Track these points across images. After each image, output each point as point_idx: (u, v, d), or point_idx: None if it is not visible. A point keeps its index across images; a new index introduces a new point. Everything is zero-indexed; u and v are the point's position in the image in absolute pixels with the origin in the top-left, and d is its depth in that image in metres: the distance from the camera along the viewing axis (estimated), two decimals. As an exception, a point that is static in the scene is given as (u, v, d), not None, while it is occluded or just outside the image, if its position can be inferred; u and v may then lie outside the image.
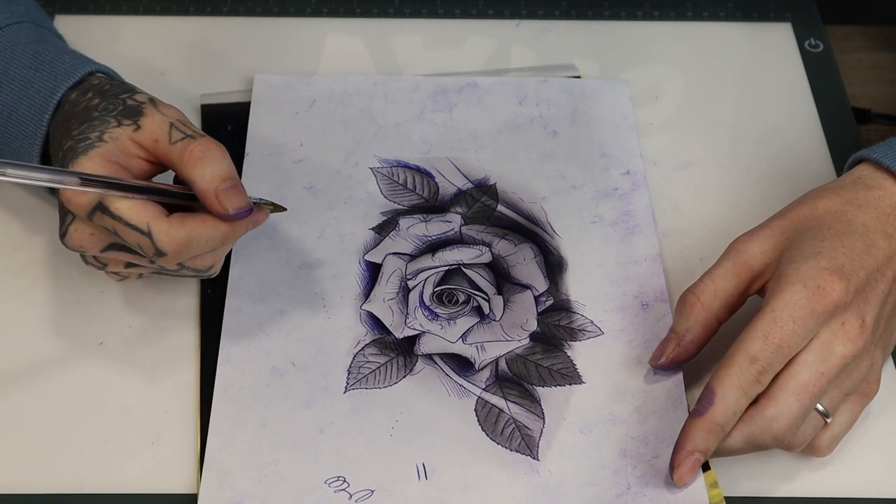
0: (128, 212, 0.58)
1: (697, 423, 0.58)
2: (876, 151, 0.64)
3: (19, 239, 0.72)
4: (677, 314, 0.63)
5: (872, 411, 0.64)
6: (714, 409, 0.57)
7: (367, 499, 0.61)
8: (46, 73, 0.65)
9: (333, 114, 0.78)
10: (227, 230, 0.61)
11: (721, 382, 0.58)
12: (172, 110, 0.62)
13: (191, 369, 0.66)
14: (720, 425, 0.57)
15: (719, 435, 0.58)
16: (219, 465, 0.62)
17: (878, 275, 0.60)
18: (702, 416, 0.57)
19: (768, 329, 0.58)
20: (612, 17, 0.87)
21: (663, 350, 0.64)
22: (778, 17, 0.88)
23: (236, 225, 0.61)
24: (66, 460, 0.63)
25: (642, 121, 0.80)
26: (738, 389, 0.57)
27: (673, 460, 0.58)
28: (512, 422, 0.64)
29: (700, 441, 0.57)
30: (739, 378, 0.57)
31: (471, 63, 0.83)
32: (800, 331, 0.58)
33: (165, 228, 0.59)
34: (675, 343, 0.63)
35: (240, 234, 0.62)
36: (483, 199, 0.74)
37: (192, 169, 0.60)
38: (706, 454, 0.58)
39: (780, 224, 0.62)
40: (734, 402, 0.57)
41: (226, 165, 0.60)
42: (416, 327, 0.68)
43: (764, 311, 0.58)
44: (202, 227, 0.60)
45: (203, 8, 0.86)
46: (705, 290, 0.62)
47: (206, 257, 0.62)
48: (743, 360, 0.58)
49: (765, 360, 0.57)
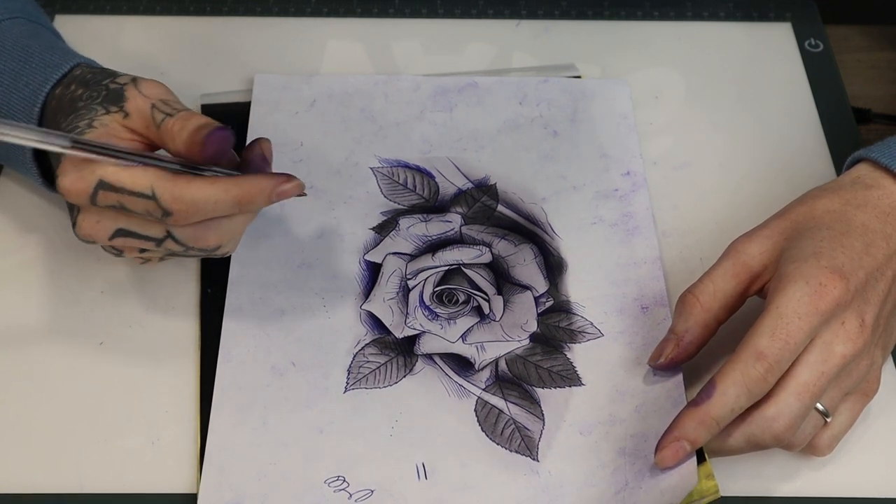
0: (129, 180, 0.57)
1: (691, 412, 0.58)
2: (874, 151, 0.64)
3: (19, 239, 0.72)
4: (676, 314, 0.63)
5: (872, 411, 0.64)
6: (711, 402, 0.57)
7: (367, 499, 0.61)
8: (35, 66, 0.65)
9: (333, 114, 0.78)
10: (238, 194, 0.58)
11: (724, 378, 0.57)
12: (155, 88, 0.61)
13: (191, 369, 0.66)
14: (714, 419, 0.57)
15: (712, 428, 0.57)
16: (219, 465, 0.62)
17: (877, 274, 0.60)
18: (697, 406, 0.57)
19: (774, 326, 0.57)
20: (612, 17, 0.87)
21: (662, 350, 0.63)
22: (778, 17, 0.88)
23: (249, 190, 0.58)
24: (66, 460, 0.63)
25: (642, 121, 0.80)
26: (741, 386, 0.57)
27: (659, 443, 0.58)
28: (512, 422, 0.64)
29: (689, 430, 0.57)
30: (743, 375, 0.57)
31: (471, 63, 0.83)
32: (805, 327, 0.57)
33: (170, 188, 0.57)
34: (675, 344, 0.63)
35: (256, 204, 0.58)
36: (483, 200, 0.74)
37: (174, 143, 0.59)
38: (694, 444, 0.58)
39: (780, 224, 0.62)
40: (734, 398, 0.57)
41: (203, 119, 0.59)
42: (416, 327, 0.68)
43: (768, 310, 0.58)
44: (210, 188, 0.57)
45: (203, 8, 0.86)
46: (704, 291, 0.62)
47: (213, 231, 0.60)
48: (749, 356, 0.57)
49: (772, 357, 0.57)
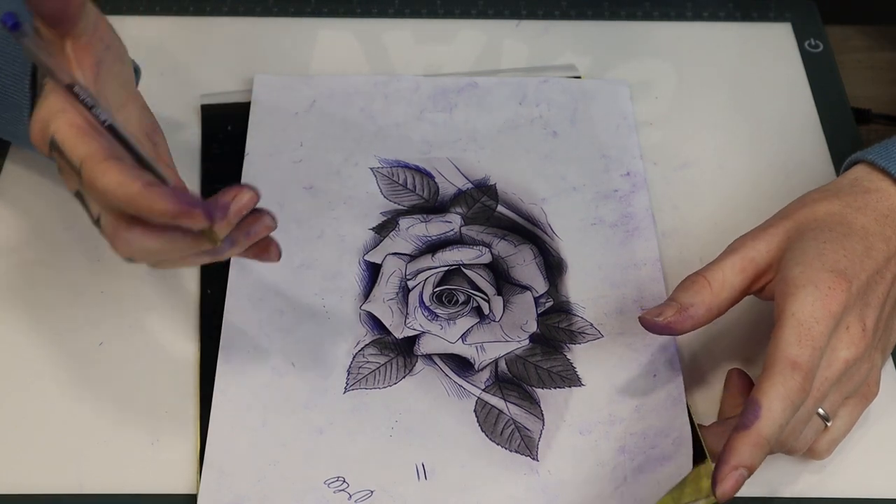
0: (69, 145, 0.54)
1: (743, 436, 0.55)
2: (872, 153, 0.64)
3: (19, 238, 0.72)
4: (681, 289, 0.61)
5: (872, 413, 0.64)
6: (760, 423, 0.54)
7: (367, 499, 0.61)
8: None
9: (333, 114, 0.78)
10: (130, 194, 0.52)
11: (766, 394, 0.55)
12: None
13: (190, 369, 0.66)
14: (766, 439, 0.54)
15: (765, 449, 0.55)
16: (218, 466, 0.62)
17: (877, 277, 0.60)
18: (747, 429, 0.54)
19: (798, 333, 0.56)
20: (611, 17, 0.87)
21: (662, 311, 0.60)
22: (778, 17, 0.88)
23: (147, 197, 0.52)
24: (66, 460, 0.63)
25: (642, 121, 0.80)
26: (785, 399, 0.55)
27: (716, 474, 0.55)
28: (511, 423, 0.64)
29: (746, 456, 0.54)
30: (785, 387, 0.55)
31: (471, 63, 0.83)
32: (825, 331, 0.56)
33: (91, 167, 0.53)
34: (676, 309, 0.60)
35: (150, 214, 0.52)
36: (483, 200, 0.74)
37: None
38: (751, 469, 0.55)
39: (783, 224, 0.62)
40: (780, 412, 0.54)
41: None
42: (416, 327, 0.68)
43: (785, 317, 0.57)
44: (116, 177, 0.52)
45: (203, 8, 0.86)
46: (715, 278, 0.60)
47: (120, 240, 0.55)
48: (784, 367, 0.55)
49: (806, 365, 0.55)
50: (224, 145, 0.77)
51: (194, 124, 0.78)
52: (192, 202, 0.52)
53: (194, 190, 0.74)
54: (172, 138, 0.77)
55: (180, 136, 0.78)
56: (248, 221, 0.56)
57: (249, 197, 0.54)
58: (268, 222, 0.56)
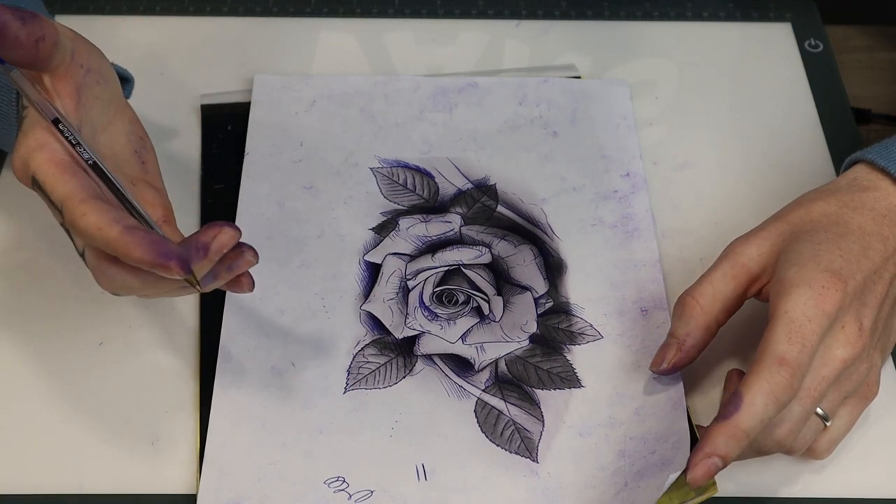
0: (50, 185, 0.55)
1: (720, 426, 0.55)
2: (871, 152, 0.64)
3: (19, 238, 0.72)
4: (676, 318, 0.62)
5: (872, 412, 0.64)
6: (739, 415, 0.55)
7: (367, 499, 0.61)
8: None
9: (333, 114, 0.78)
10: (112, 238, 0.53)
11: (749, 388, 0.55)
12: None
13: (191, 369, 0.66)
14: (744, 431, 0.55)
15: (742, 441, 0.55)
16: (218, 466, 0.62)
17: (875, 277, 0.60)
18: (726, 420, 0.55)
19: (788, 330, 0.56)
20: (611, 17, 0.87)
21: (664, 356, 0.63)
22: (778, 17, 0.88)
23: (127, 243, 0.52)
24: (66, 460, 0.63)
25: (642, 121, 0.80)
26: (769, 394, 0.55)
27: (689, 461, 0.56)
28: (511, 424, 0.64)
29: (720, 445, 0.55)
30: (769, 382, 0.55)
31: (471, 63, 0.83)
32: (817, 330, 0.56)
33: (72, 208, 0.54)
34: (676, 348, 0.62)
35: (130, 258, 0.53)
36: (483, 200, 0.74)
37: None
38: (726, 460, 0.55)
39: (777, 227, 0.62)
40: (762, 407, 0.55)
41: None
42: (416, 328, 0.68)
43: (778, 315, 0.57)
44: (96, 219, 0.53)
45: (203, 8, 0.86)
46: (704, 294, 0.61)
47: (103, 275, 0.56)
48: (771, 363, 0.56)
49: (794, 362, 0.56)
50: (224, 145, 0.77)
51: (194, 124, 0.78)
52: (168, 253, 0.52)
53: (192, 190, 0.74)
54: (172, 138, 0.78)
55: (180, 137, 0.78)
56: (230, 257, 0.55)
57: (230, 237, 0.54)
58: (249, 257, 0.56)
